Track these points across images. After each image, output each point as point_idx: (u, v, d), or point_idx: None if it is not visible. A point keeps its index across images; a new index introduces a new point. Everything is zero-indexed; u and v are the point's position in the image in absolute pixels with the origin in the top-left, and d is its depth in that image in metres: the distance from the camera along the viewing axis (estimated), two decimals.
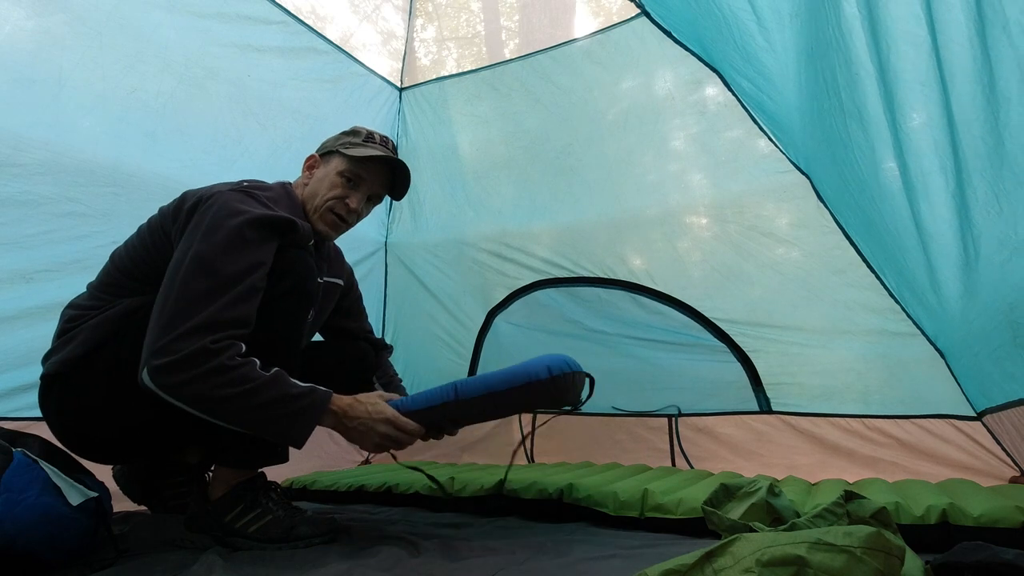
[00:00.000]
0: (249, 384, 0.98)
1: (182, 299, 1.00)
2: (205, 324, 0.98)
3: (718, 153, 1.95)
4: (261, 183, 1.25)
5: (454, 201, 2.44)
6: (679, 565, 0.63)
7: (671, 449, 1.95)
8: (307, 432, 1.04)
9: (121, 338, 1.10)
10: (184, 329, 0.97)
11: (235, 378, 0.97)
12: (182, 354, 0.96)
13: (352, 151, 1.29)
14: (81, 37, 1.51)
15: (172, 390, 0.97)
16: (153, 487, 1.41)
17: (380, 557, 1.01)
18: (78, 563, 0.99)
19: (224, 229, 1.05)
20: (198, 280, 1.01)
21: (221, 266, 1.02)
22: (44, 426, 1.19)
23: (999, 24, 0.96)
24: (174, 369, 0.96)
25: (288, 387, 1.02)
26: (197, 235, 1.05)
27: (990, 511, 1.01)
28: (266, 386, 0.99)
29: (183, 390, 0.97)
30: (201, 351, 0.96)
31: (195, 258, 1.03)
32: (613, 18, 2.10)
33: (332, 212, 1.30)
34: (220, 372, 0.97)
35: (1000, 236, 1.13)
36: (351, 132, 1.35)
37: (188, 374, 0.96)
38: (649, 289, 2.05)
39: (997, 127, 1.03)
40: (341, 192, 1.29)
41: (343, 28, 2.41)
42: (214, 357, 0.96)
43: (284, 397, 1.00)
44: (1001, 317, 1.23)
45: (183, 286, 1.01)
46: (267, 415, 1.00)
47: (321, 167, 1.33)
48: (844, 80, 1.27)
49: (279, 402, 1.00)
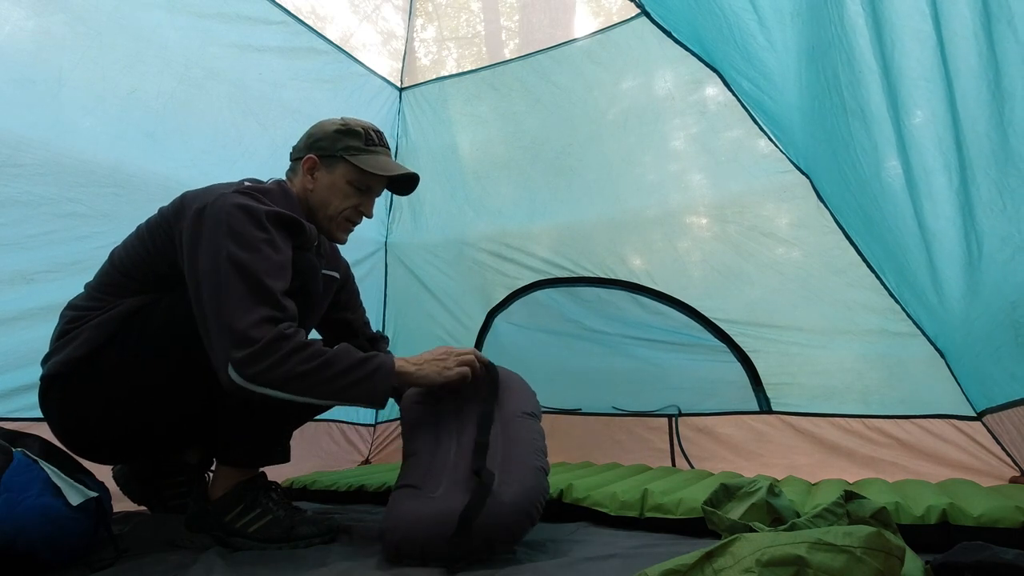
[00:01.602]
0: (324, 357, 1.02)
1: (235, 298, 1.01)
2: (269, 316, 1.01)
3: (718, 153, 1.95)
4: (260, 184, 1.24)
5: (454, 201, 2.44)
6: (679, 565, 0.63)
7: (671, 449, 1.95)
8: (388, 386, 1.07)
9: (123, 339, 1.10)
10: (253, 320, 0.99)
11: (312, 354, 1.01)
12: (263, 341, 0.98)
13: (361, 161, 1.27)
14: (81, 37, 1.51)
15: (261, 376, 0.99)
16: (153, 487, 1.41)
17: (380, 557, 1.01)
18: (78, 563, 0.99)
19: (246, 229, 1.06)
20: (243, 280, 1.02)
21: (259, 264, 1.04)
22: (44, 426, 1.19)
23: (1004, 19, 0.96)
24: (260, 356, 0.98)
25: (357, 353, 1.07)
26: (221, 238, 1.04)
27: (990, 511, 1.01)
28: (338, 356, 1.04)
29: (271, 373, 0.99)
30: (278, 336, 1.00)
31: (230, 259, 1.03)
32: (613, 18, 2.10)
33: (349, 221, 1.33)
34: (299, 350, 1.00)
35: (1003, 234, 1.13)
36: (348, 132, 1.29)
37: (273, 358, 0.99)
38: (649, 289, 2.05)
39: (1002, 123, 1.03)
40: (356, 201, 1.30)
41: (343, 28, 2.41)
42: (290, 340, 1.01)
43: (358, 361, 1.05)
44: (1003, 316, 1.23)
45: (232, 288, 1.02)
46: (349, 380, 1.04)
47: (324, 172, 1.29)
48: (846, 78, 1.27)
49: (355, 367, 1.05)
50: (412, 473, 1.12)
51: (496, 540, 0.97)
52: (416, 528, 0.99)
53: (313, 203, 1.30)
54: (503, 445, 1.10)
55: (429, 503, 1.02)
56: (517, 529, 0.99)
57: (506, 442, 1.10)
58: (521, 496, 1.00)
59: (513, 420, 1.15)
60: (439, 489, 1.05)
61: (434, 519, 0.98)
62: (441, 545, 0.95)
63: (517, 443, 1.10)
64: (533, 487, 1.03)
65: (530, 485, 1.02)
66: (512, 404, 1.19)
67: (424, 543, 0.97)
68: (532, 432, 1.15)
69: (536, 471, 1.06)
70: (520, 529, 0.99)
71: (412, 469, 1.13)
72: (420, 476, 1.10)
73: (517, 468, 1.05)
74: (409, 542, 0.99)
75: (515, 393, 1.22)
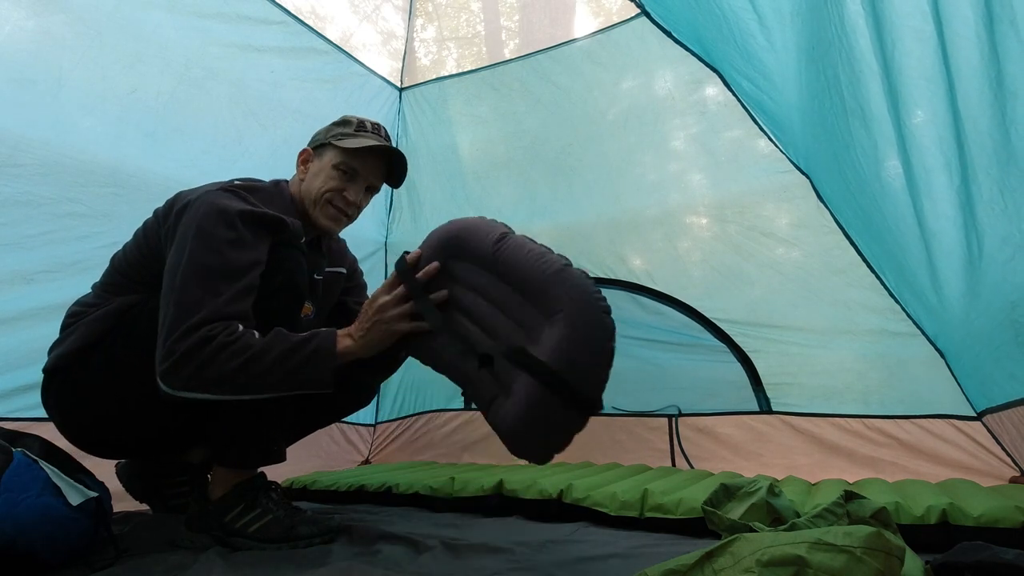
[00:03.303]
0: (251, 351, 0.99)
1: (180, 304, 1.01)
2: (200, 322, 1.00)
3: (718, 153, 1.95)
4: (253, 182, 1.24)
5: (454, 201, 2.43)
6: (679, 565, 0.63)
7: (671, 449, 1.95)
8: (330, 367, 1.03)
9: (115, 334, 1.11)
10: (182, 330, 0.99)
11: (238, 349, 0.99)
12: (181, 351, 0.98)
13: (345, 142, 1.27)
14: (81, 37, 1.51)
15: (186, 385, 0.99)
16: (155, 486, 1.41)
17: (380, 557, 1.01)
18: (78, 563, 0.99)
19: (215, 230, 1.06)
20: (194, 283, 1.02)
21: (215, 267, 1.03)
22: (44, 426, 1.19)
23: (1007, 19, 0.96)
24: (180, 366, 0.98)
25: (291, 337, 1.03)
26: (189, 238, 1.06)
27: (990, 511, 1.01)
28: (269, 347, 1.01)
29: (195, 380, 0.99)
30: (199, 341, 0.98)
31: (189, 261, 1.04)
32: (613, 18, 2.10)
33: (331, 205, 1.29)
34: (222, 349, 0.99)
35: (1004, 234, 1.13)
36: (342, 122, 1.32)
37: (191, 366, 0.98)
38: (649, 289, 2.05)
39: (1004, 123, 1.03)
40: (338, 185, 1.28)
41: (343, 28, 2.41)
42: (212, 341, 0.99)
43: (292, 347, 1.02)
44: (1003, 316, 1.23)
45: (181, 291, 1.02)
46: (286, 368, 1.01)
47: (315, 161, 1.31)
48: (846, 78, 1.27)
49: (290, 353, 1.01)
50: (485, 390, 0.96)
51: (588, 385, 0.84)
52: (533, 427, 0.87)
53: (303, 194, 1.30)
54: (504, 293, 0.93)
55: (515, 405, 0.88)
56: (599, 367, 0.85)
57: (506, 288, 0.93)
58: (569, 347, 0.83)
59: (491, 258, 0.97)
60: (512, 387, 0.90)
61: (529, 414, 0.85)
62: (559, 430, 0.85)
63: (517, 271, 0.92)
64: (587, 323, 0.84)
65: (583, 322, 0.84)
66: (475, 245, 1.01)
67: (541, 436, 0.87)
68: (520, 252, 0.94)
69: (568, 283, 0.86)
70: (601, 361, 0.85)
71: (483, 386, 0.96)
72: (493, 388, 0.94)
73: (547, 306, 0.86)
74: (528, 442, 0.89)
75: (469, 233, 1.04)
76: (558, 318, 0.86)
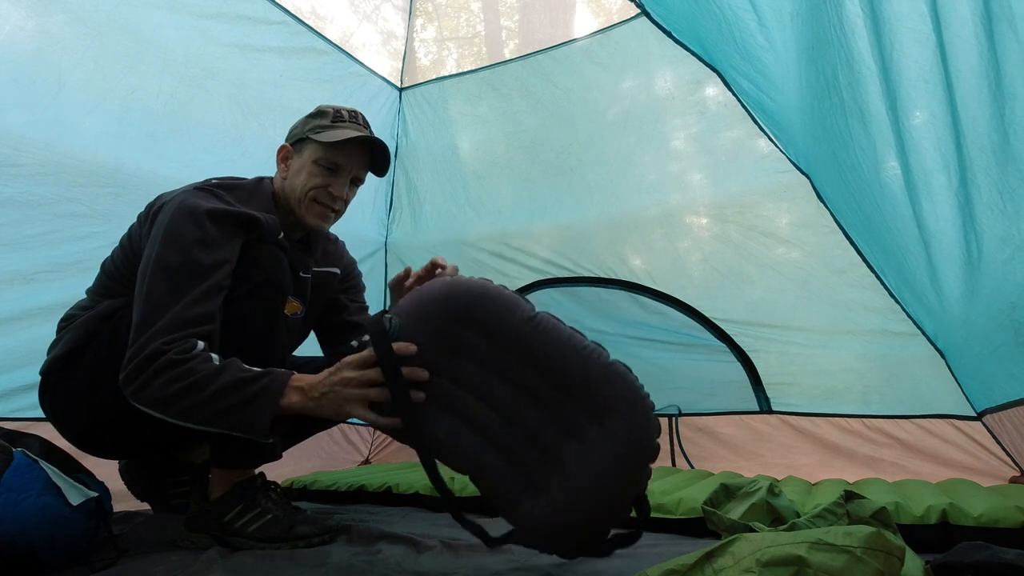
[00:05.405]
0: (196, 376, 0.92)
1: (146, 306, 1.00)
2: (164, 327, 0.97)
3: (718, 153, 1.95)
4: (232, 180, 1.23)
5: (454, 201, 2.44)
6: (679, 565, 0.63)
7: (671, 449, 1.95)
8: (266, 418, 0.93)
9: (101, 338, 1.12)
10: (145, 337, 0.97)
11: (181, 373, 0.93)
12: (136, 360, 0.96)
13: (324, 136, 1.23)
14: (81, 37, 1.51)
15: (135, 397, 0.97)
16: (156, 485, 1.41)
17: (380, 557, 1.01)
18: (78, 563, 0.99)
19: (182, 229, 1.05)
20: (159, 285, 1.01)
21: (181, 267, 1.02)
22: (44, 426, 1.19)
23: (1005, 20, 0.96)
24: (132, 376, 0.96)
25: (239, 372, 0.95)
26: (158, 239, 1.05)
27: (990, 511, 1.01)
28: (214, 375, 0.93)
29: (141, 395, 0.96)
30: (152, 353, 0.95)
31: (156, 262, 1.03)
32: (613, 18, 2.10)
33: (317, 203, 1.26)
34: (168, 368, 0.93)
35: (1003, 234, 1.13)
36: (317, 114, 1.28)
37: (141, 378, 0.95)
38: (649, 289, 2.05)
39: (1003, 123, 1.03)
40: (321, 181, 1.25)
41: (343, 28, 2.41)
42: (162, 356, 0.94)
43: (235, 383, 0.93)
44: (1003, 316, 1.23)
45: (147, 293, 1.01)
46: (221, 405, 0.93)
47: (295, 157, 1.27)
48: (846, 79, 1.27)
49: (230, 389, 0.93)
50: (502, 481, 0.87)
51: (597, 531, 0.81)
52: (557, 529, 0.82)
53: (287, 192, 1.27)
54: (532, 378, 0.82)
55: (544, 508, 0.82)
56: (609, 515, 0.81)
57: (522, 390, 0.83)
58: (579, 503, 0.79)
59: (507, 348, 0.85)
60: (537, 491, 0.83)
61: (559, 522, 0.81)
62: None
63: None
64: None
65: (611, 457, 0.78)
66: (497, 317, 0.86)
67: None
68: (560, 336, 0.84)
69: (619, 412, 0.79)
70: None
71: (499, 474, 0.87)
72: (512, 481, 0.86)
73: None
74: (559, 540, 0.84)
75: (489, 302, 0.87)
76: (612, 418, 0.80)
